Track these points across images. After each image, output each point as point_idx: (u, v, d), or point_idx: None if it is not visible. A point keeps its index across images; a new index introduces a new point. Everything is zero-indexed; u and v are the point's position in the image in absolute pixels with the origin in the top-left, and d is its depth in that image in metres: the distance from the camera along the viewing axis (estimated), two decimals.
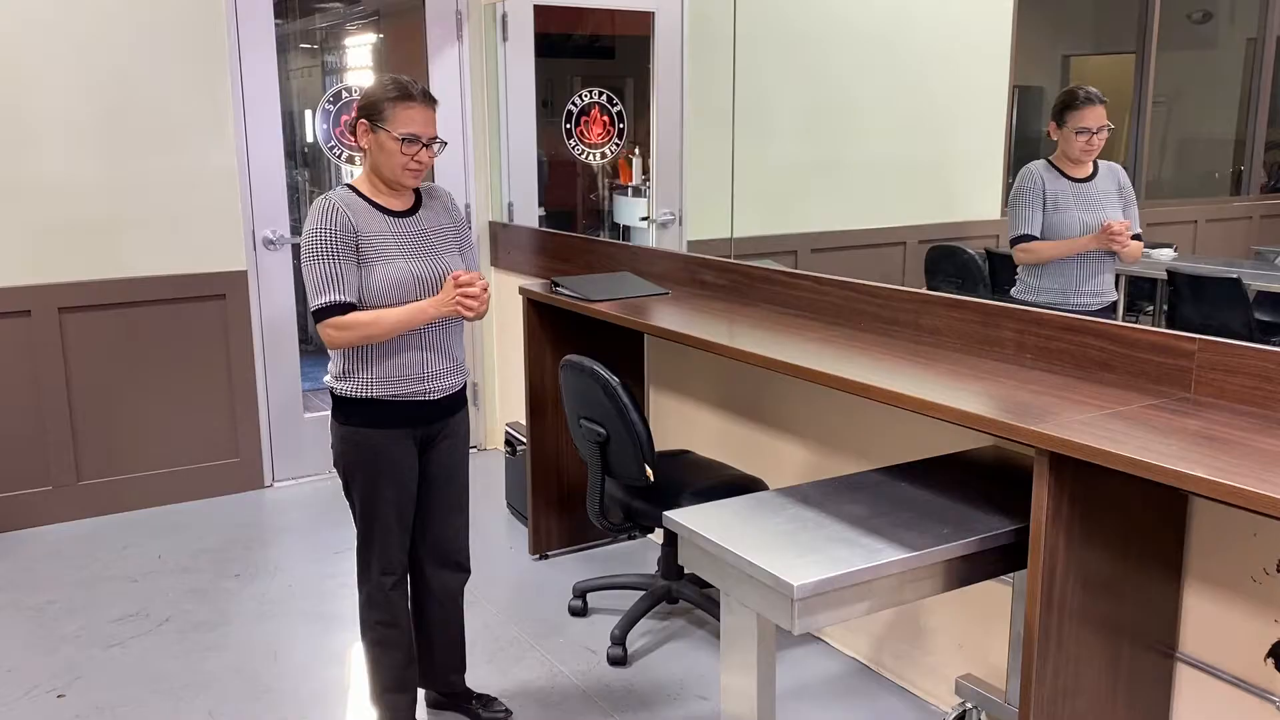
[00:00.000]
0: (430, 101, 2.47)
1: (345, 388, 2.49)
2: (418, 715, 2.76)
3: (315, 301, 2.40)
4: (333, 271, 2.39)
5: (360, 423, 2.50)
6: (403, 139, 2.41)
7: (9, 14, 3.87)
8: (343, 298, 2.39)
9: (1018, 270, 3.56)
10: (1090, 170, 3.44)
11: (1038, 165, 3.45)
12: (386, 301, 2.42)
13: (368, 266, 2.42)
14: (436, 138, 2.47)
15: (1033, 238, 3.39)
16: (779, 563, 1.97)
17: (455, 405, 2.63)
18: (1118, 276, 5.32)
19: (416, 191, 2.57)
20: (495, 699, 2.88)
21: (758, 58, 5.11)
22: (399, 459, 2.53)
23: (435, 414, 2.57)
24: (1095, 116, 3.37)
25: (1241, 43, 7.50)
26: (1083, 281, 3.41)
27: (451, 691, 2.86)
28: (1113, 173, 3.50)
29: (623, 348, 3.82)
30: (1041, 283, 3.45)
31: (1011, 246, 3.44)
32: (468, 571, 2.78)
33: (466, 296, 2.41)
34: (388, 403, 2.49)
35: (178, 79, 4.18)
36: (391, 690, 2.67)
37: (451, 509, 2.70)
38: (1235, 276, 4.19)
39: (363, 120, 2.45)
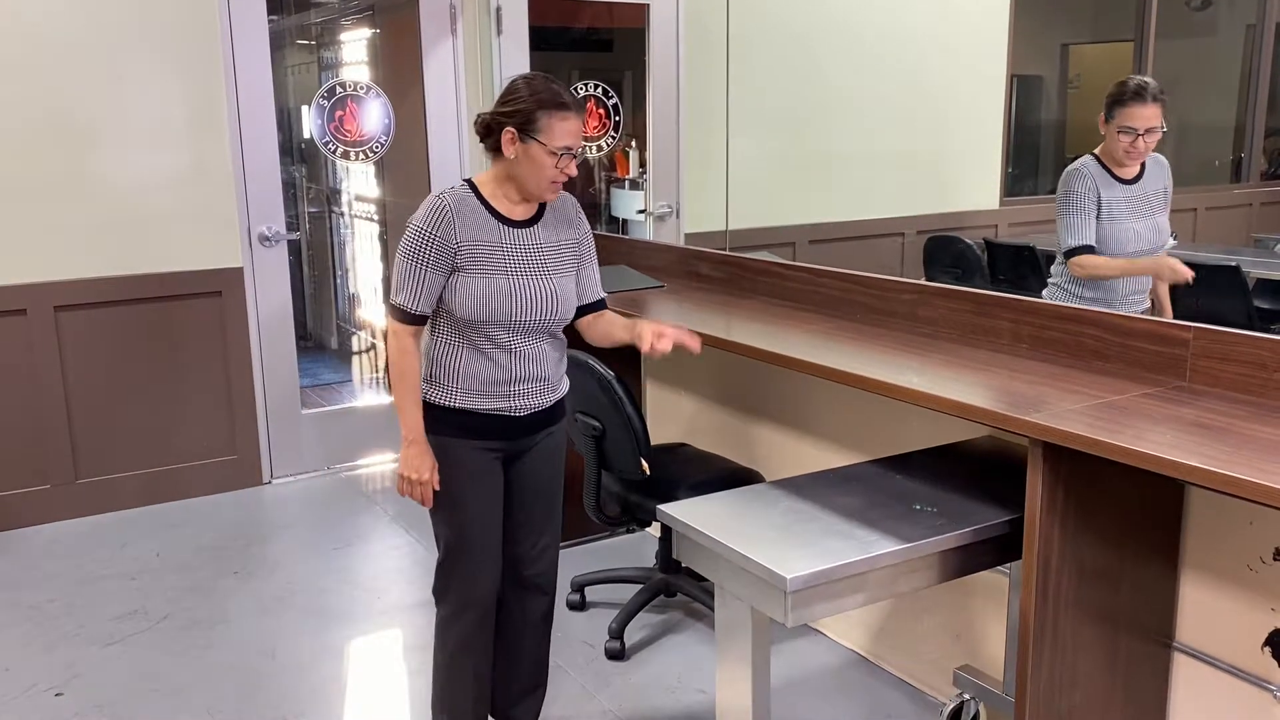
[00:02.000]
0: (582, 109, 2.33)
1: (430, 392, 2.37)
2: None
3: (394, 297, 2.31)
4: (417, 277, 2.27)
5: (443, 431, 2.36)
6: (560, 153, 2.26)
7: (1, 12, 3.86)
8: (416, 308, 2.29)
9: (1050, 273, 3.29)
10: (1138, 169, 3.12)
11: (1088, 164, 3.10)
12: (478, 316, 2.28)
13: (464, 276, 2.27)
14: (581, 147, 2.32)
15: (1092, 249, 3.04)
16: (772, 555, 1.96)
17: (548, 420, 2.47)
18: None
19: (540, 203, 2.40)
20: None
21: (754, 50, 5.10)
22: (482, 474, 2.39)
23: (524, 430, 2.42)
24: (1144, 116, 2.99)
25: (1241, 29, 7.48)
26: (1128, 290, 3.15)
27: None
28: (1160, 171, 3.18)
29: None
30: (1082, 291, 3.16)
31: (1065, 259, 3.12)
32: (549, 594, 2.58)
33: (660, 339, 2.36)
34: (472, 414, 2.35)
35: (172, 76, 4.17)
36: (454, 718, 2.53)
37: (540, 528, 2.53)
38: (1234, 264, 4.19)
39: (510, 129, 2.25)
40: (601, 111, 5.29)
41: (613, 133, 5.36)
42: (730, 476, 3.04)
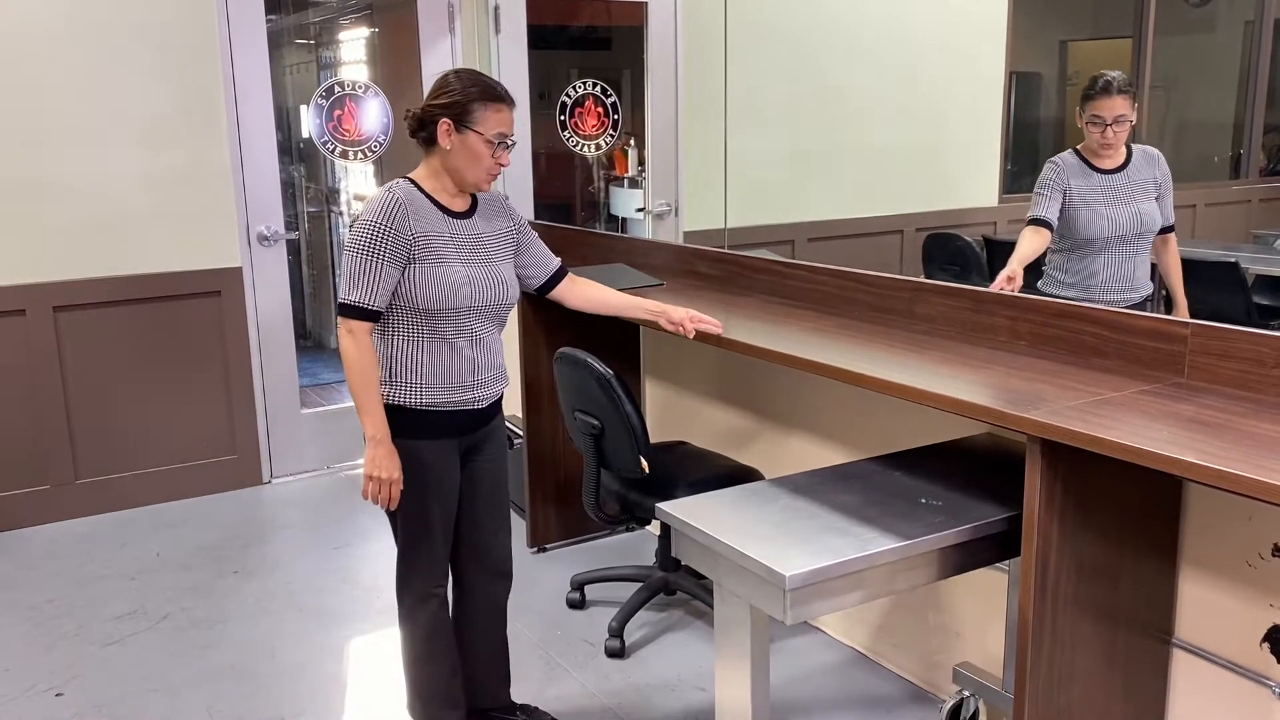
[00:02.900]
0: (513, 101, 2.40)
1: (392, 394, 2.37)
2: None
3: (345, 295, 2.31)
4: (372, 272, 2.28)
5: (407, 434, 2.37)
6: (496, 142, 2.34)
7: (1, 12, 3.87)
8: (373, 304, 2.30)
9: (1044, 263, 3.37)
10: (1123, 159, 3.25)
11: (1066, 156, 3.28)
12: (438, 305, 2.33)
13: (421, 268, 2.32)
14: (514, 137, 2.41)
15: (1045, 222, 3.20)
16: (771, 553, 1.96)
17: (496, 410, 2.56)
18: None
19: (472, 194, 2.47)
20: (539, 710, 2.79)
21: (752, 48, 5.09)
22: (445, 472, 2.45)
23: (480, 422, 2.50)
24: (1110, 107, 3.15)
25: (1239, 26, 7.46)
26: (1107, 276, 3.23)
27: (495, 705, 2.73)
28: (1150, 161, 3.29)
29: (618, 339, 3.81)
30: (1066, 277, 3.29)
31: (1025, 226, 3.29)
32: (510, 578, 2.69)
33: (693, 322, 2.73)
34: (435, 413, 2.40)
35: (170, 75, 4.17)
36: (439, 704, 2.58)
37: (495, 516, 2.61)
38: (1234, 261, 4.18)
39: (446, 120, 2.32)
40: (600, 110, 5.29)
41: (611, 131, 5.35)
42: (729, 474, 3.04)
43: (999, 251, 5.10)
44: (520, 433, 3.92)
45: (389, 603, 3.41)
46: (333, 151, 4.67)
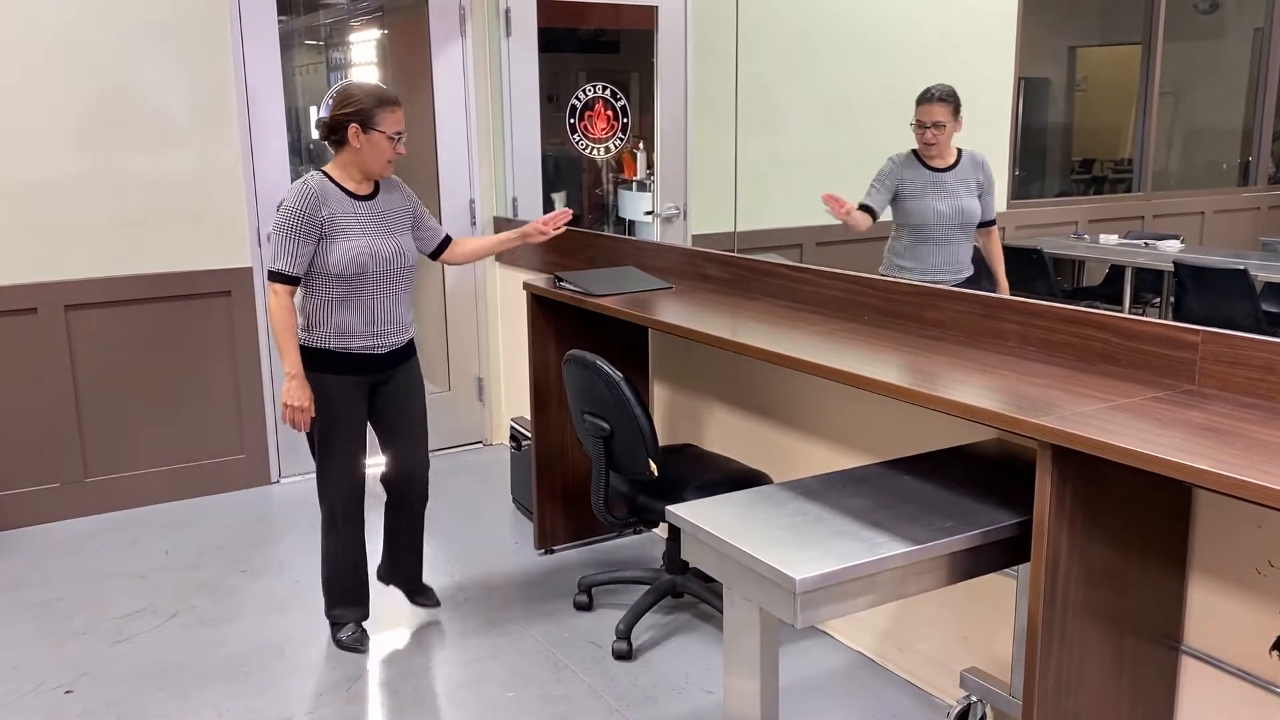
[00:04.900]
0: (401, 103, 3.01)
1: (308, 339, 2.99)
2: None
3: (271, 264, 2.93)
4: (291, 246, 2.90)
5: (319, 370, 2.97)
6: (394, 137, 2.94)
7: (13, 12, 3.88)
8: (290, 271, 2.91)
9: (888, 248, 3.89)
10: (953, 160, 3.75)
11: (900, 154, 3.79)
12: (347, 271, 2.93)
13: (331, 242, 2.92)
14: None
15: (869, 208, 3.71)
16: (781, 556, 1.97)
17: (405, 355, 3.13)
18: (1123, 269, 5.30)
19: (375, 180, 3.07)
20: (431, 590, 3.43)
21: (762, 52, 5.10)
22: (349, 402, 3.02)
23: (386, 364, 3.08)
24: (930, 112, 3.69)
25: (1249, 33, 7.46)
26: (935, 259, 3.73)
27: (411, 585, 3.39)
28: (975, 162, 3.80)
29: (627, 342, 3.82)
30: (903, 260, 3.78)
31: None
32: (425, 486, 3.24)
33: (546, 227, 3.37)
34: (341, 355, 2.99)
35: (182, 76, 4.18)
36: (339, 600, 3.19)
37: (409, 436, 3.17)
38: (1242, 268, 4.18)
39: (354, 124, 2.90)
40: (609, 113, 5.30)
41: (620, 134, 5.36)
42: (738, 478, 3.04)
43: (1008, 257, 5.11)
44: (528, 434, 3.93)
45: (397, 601, 3.43)
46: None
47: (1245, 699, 2.16)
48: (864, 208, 3.71)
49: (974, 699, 2.62)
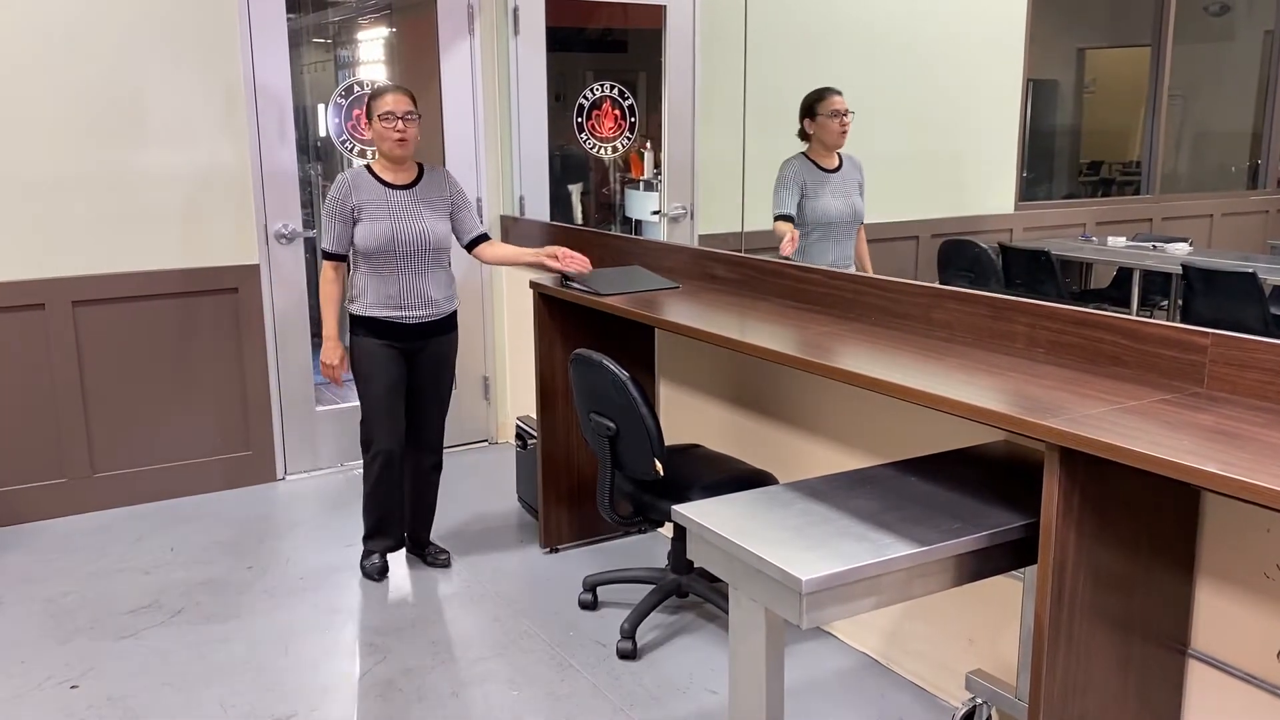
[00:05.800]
0: (399, 89, 3.41)
1: (352, 306, 3.48)
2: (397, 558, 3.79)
3: (321, 244, 3.46)
4: (330, 228, 3.43)
5: (360, 333, 3.46)
6: (382, 116, 3.35)
7: (23, 9, 3.89)
8: (332, 249, 3.44)
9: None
10: (837, 162, 3.91)
11: (795, 159, 3.87)
12: (372, 250, 3.39)
13: (361, 224, 3.39)
14: (411, 112, 3.39)
15: (789, 216, 3.80)
16: (787, 557, 1.96)
17: (435, 330, 3.52)
18: (1131, 271, 5.30)
19: (421, 170, 3.50)
20: (442, 548, 3.82)
21: (770, 52, 5.09)
22: (386, 361, 3.46)
23: (414, 335, 3.48)
24: (840, 102, 3.84)
25: (1259, 35, 7.43)
26: (832, 255, 3.87)
27: (420, 541, 3.79)
28: (854, 165, 3.97)
29: (633, 341, 3.82)
30: (803, 260, 3.80)
31: (774, 222, 3.87)
32: (439, 453, 3.70)
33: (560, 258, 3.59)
34: (375, 320, 3.44)
35: (191, 73, 4.19)
36: (374, 532, 3.64)
37: (428, 408, 3.61)
38: (1251, 271, 4.17)
39: (365, 119, 3.46)
40: (617, 113, 5.30)
41: (627, 134, 5.36)
42: (743, 478, 3.04)
43: (1015, 258, 5.11)
44: (534, 433, 3.93)
45: (403, 598, 3.43)
46: (351, 150, 4.69)
47: (1253, 703, 2.15)
48: (786, 218, 3.78)
49: (979, 701, 2.62)
